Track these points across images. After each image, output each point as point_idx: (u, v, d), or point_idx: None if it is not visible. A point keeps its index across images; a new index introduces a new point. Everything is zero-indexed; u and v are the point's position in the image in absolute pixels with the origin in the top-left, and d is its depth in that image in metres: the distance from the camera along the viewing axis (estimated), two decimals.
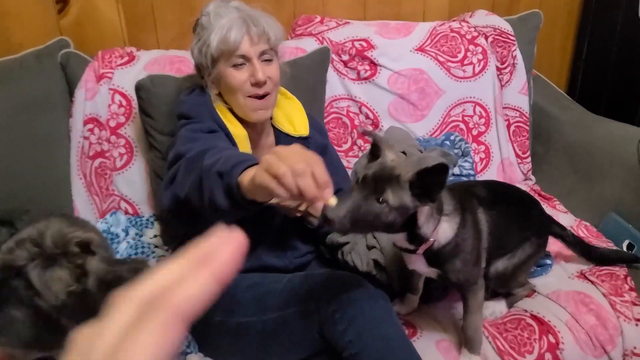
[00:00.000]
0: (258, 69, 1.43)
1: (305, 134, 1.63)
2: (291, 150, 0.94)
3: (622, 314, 1.56)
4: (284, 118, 1.64)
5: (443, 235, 1.26)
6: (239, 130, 1.49)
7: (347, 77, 2.15)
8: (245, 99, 1.46)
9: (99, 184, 1.87)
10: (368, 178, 1.12)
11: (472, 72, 2.24)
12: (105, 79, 1.85)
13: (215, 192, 1.07)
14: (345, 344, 1.24)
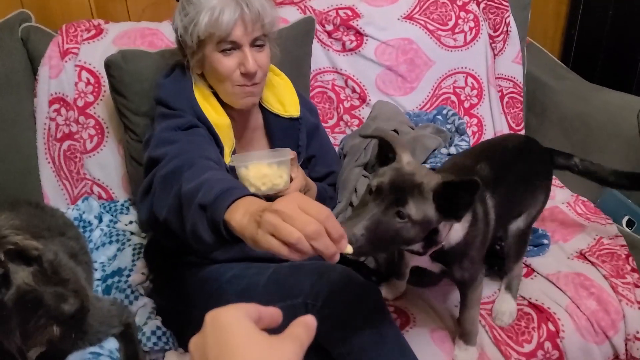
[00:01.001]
0: (249, 58, 1.31)
1: (296, 115, 1.52)
2: (295, 207, 0.80)
3: (625, 297, 1.49)
4: (273, 97, 1.52)
5: (454, 236, 1.14)
6: (222, 119, 1.37)
7: (332, 49, 2.04)
8: (234, 88, 1.36)
9: (68, 168, 1.75)
10: (384, 187, 0.98)
11: (463, 41, 2.14)
12: (70, 55, 1.72)
13: (198, 226, 0.94)
14: (335, 341, 1.17)
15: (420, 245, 1.11)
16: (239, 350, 0.51)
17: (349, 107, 2.07)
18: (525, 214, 1.44)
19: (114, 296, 1.48)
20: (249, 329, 0.54)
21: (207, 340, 0.53)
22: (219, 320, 0.54)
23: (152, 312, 1.42)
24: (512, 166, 1.37)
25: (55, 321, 0.98)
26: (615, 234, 1.73)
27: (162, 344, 1.35)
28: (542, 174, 1.49)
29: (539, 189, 1.46)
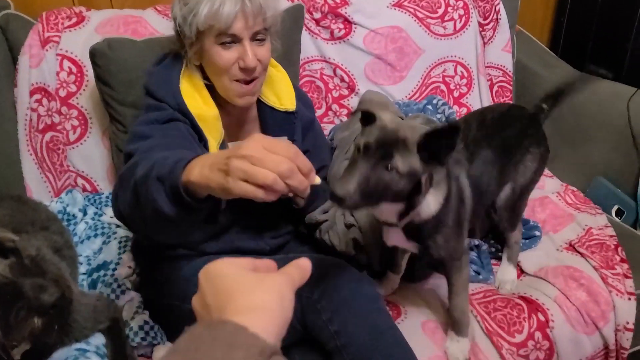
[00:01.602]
0: (249, 52, 1.27)
1: (292, 108, 1.48)
2: (262, 149, 0.79)
3: (614, 288, 1.49)
4: (269, 90, 1.48)
5: (426, 210, 1.16)
6: (209, 111, 1.33)
7: (320, 37, 2.01)
8: (232, 83, 1.31)
9: (51, 160, 1.71)
10: (371, 145, 1.02)
11: (453, 29, 2.12)
12: (51, 44, 1.67)
13: (158, 199, 0.89)
14: (330, 334, 1.16)
15: (397, 209, 1.13)
16: (233, 287, 0.56)
17: (337, 96, 2.05)
18: (510, 183, 1.44)
19: (99, 290, 1.45)
20: (239, 270, 0.59)
21: (204, 292, 0.59)
22: (210, 272, 0.60)
23: (139, 307, 1.40)
24: (490, 140, 1.35)
25: (36, 312, 0.95)
26: (605, 224, 1.73)
27: (150, 339, 1.32)
28: (529, 141, 1.45)
29: (526, 157, 1.44)
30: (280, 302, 0.57)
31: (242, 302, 0.55)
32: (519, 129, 1.43)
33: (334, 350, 1.15)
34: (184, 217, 0.91)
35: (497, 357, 1.36)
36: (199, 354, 0.47)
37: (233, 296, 0.56)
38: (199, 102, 1.33)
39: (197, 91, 1.34)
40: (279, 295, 0.57)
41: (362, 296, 1.20)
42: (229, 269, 0.60)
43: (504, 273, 1.56)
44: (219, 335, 0.49)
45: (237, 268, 0.60)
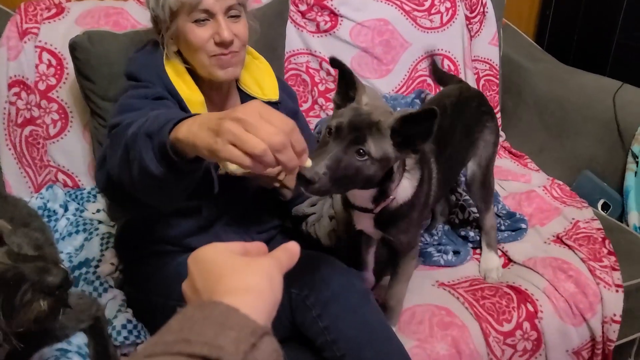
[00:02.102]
0: (223, 26, 1.25)
1: (275, 99, 1.46)
2: (258, 116, 0.75)
3: (602, 280, 1.49)
4: (252, 80, 1.46)
5: (403, 194, 1.16)
6: (195, 96, 1.31)
7: (306, 30, 1.99)
8: (210, 59, 1.29)
9: (31, 155, 1.67)
10: (344, 127, 0.99)
11: (440, 22, 2.11)
12: (30, 35, 1.63)
13: (145, 157, 0.86)
14: (319, 330, 1.14)
15: (370, 195, 1.13)
16: (221, 270, 0.57)
17: (323, 90, 2.03)
18: (474, 158, 1.46)
19: (81, 288, 1.42)
20: (227, 254, 0.60)
21: (194, 277, 0.60)
22: (199, 256, 0.61)
23: (122, 305, 1.37)
24: (454, 124, 1.36)
25: (42, 295, 0.93)
26: (591, 217, 1.73)
27: (134, 337, 1.29)
28: (485, 117, 1.47)
29: (484, 132, 1.47)
30: (269, 284, 0.57)
31: (232, 284, 0.56)
32: (474, 108, 1.46)
33: (323, 346, 1.14)
34: (170, 178, 0.88)
35: (484, 344, 1.37)
36: (192, 334, 0.48)
37: (222, 279, 0.57)
38: (183, 87, 1.31)
39: (180, 77, 1.32)
40: (267, 277, 0.58)
41: (352, 291, 1.18)
42: (217, 253, 0.61)
43: (487, 261, 1.56)
44: (211, 316, 0.50)
45: (225, 252, 0.61)
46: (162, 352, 0.47)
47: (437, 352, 1.32)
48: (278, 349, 0.51)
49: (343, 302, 1.15)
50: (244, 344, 0.47)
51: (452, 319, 1.38)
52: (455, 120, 1.36)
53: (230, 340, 0.47)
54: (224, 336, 0.47)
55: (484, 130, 1.47)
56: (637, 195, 1.75)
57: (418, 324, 1.37)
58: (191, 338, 0.47)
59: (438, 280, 1.52)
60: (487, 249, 1.58)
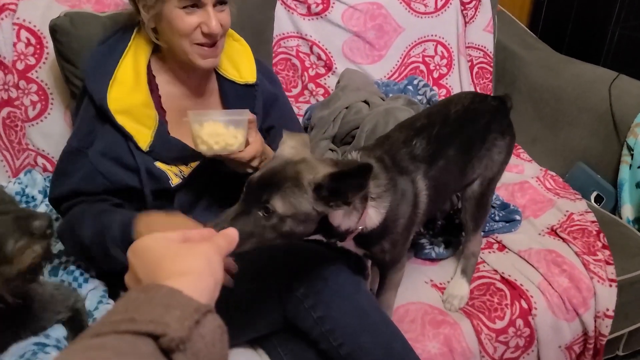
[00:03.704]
0: (212, 18, 1.23)
1: (252, 81, 1.43)
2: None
3: (596, 274, 1.47)
4: (229, 63, 1.43)
5: (370, 223, 1.09)
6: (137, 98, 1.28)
7: (297, 12, 1.94)
8: (192, 46, 1.27)
9: (8, 138, 1.60)
10: (252, 184, 0.94)
11: (434, 7, 2.07)
12: (7, 12, 1.55)
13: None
14: (313, 321, 1.11)
15: (319, 236, 1.07)
16: (160, 257, 0.60)
17: (314, 75, 1.98)
18: (478, 180, 1.37)
19: (61, 278, 1.36)
20: (165, 241, 0.63)
21: (135, 268, 0.62)
22: (137, 247, 0.63)
23: (103, 296, 1.31)
24: (454, 137, 1.27)
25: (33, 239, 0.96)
26: (585, 209, 1.72)
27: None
28: (494, 135, 1.36)
29: (492, 150, 1.36)
30: (208, 266, 0.61)
31: (172, 269, 0.59)
32: (484, 123, 1.34)
33: (319, 338, 1.11)
34: None
35: (476, 342, 1.35)
36: (138, 313, 0.51)
37: (162, 265, 0.60)
38: (126, 89, 1.27)
39: (135, 73, 1.29)
40: (205, 259, 0.61)
41: (344, 279, 1.16)
42: (156, 241, 0.63)
43: (455, 287, 1.44)
44: (155, 297, 0.53)
45: (163, 240, 0.64)
46: (109, 331, 0.49)
47: (429, 351, 1.29)
48: (222, 325, 0.54)
49: (335, 290, 1.13)
50: (189, 321, 0.51)
51: (444, 317, 1.36)
52: (455, 131, 1.27)
53: (175, 318, 0.50)
54: (169, 315, 0.50)
55: (492, 149, 1.35)
56: (631, 188, 1.73)
57: (410, 323, 1.35)
58: (137, 317, 0.50)
59: (432, 280, 1.48)
60: (460, 275, 1.45)
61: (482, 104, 1.37)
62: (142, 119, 1.27)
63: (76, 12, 1.51)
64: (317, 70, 1.98)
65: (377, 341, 1.11)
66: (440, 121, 1.27)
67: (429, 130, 1.24)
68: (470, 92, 1.49)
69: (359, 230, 1.08)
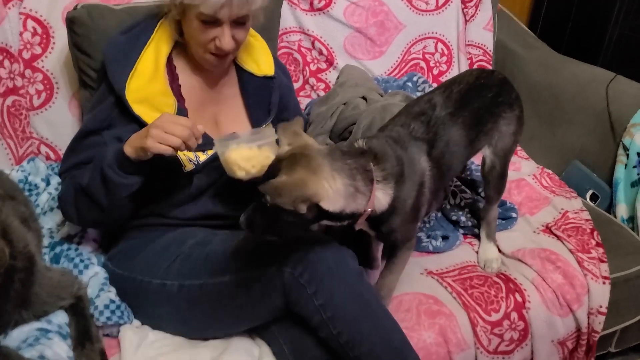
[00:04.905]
0: (227, 36, 1.29)
1: (271, 73, 1.51)
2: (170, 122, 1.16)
3: (590, 271, 1.50)
4: (248, 56, 1.50)
5: (379, 205, 1.17)
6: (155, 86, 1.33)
7: (299, 7, 1.96)
8: (205, 54, 1.34)
9: (13, 126, 1.62)
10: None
11: (435, 5, 2.10)
12: (13, 1, 1.56)
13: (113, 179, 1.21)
14: (315, 308, 1.13)
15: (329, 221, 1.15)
16: None
17: (315, 70, 2.01)
18: (488, 148, 1.43)
19: (62, 265, 1.38)
20: None
21: None
22: None
23: (104, 283, 1.33)
24: (456, 116, 1.32)
25: None
26: (580, 207, 1.74)
27: (117, 318, 1.26)
28: (501, 108, 1.42)
29: (499, 123, 1.42)
30: None
31: None
32: (490, 98, 1.40)
33: (319, 325, 1.14)
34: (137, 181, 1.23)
35: (471, 333, 1.37)
36: None
37: None
38: (145, 79, 1.33)
39: (155, 65, 1.35)
40: None
41: (347, 267, 1.18)
42: None
43: (487, 252, 1.54)
44: None
45: None
46: None
47: (424, 340, 1.32)
48: None
49: (338, 278, 1.15)
50: None
51: (439, 308, 1.38)
52: (458, 110, 1.33)
53: None
54: None
55: (498, 121, 1.41)
56: (626, 187, 1.75)
57: (405, 312, 1.37)
58: None
59: (427, 269, 1.51)
60: (487, 240, 1.55)
61: (488, 79, 1.44)
62: (160, 106, 1.32)
63: (93, 4, 1.55)
64: (318, 65, 2.00)
65: (377, 331, 1.14)
66: (441, 103, 1.33)
67: (429, 114, 1.30)
68: (476, 69, 1.56)
69: (369, 212, 1.14)
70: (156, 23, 1.38)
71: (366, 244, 1.43)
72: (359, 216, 1.15)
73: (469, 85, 1.39)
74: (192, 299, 1.24)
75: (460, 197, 1.69)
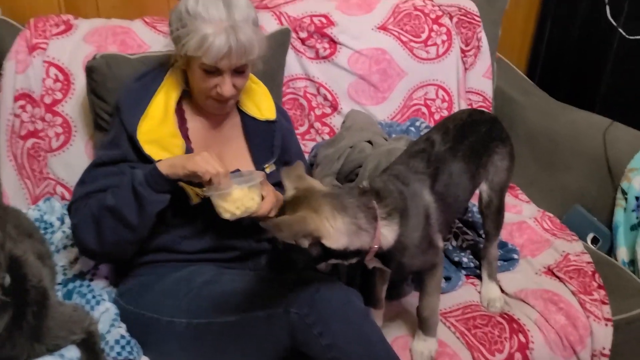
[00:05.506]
0: (227, 84, 1.38)
1: (272, 118, 1.59)
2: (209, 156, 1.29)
3: (592, 313, 1.52)
4: (250, 102, 1.58)
5: (385, 240, 1.20)
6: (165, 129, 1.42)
7: (305, 56, 2.03)
8: (207, 99, 1.44)
9: (31, 167, 1.69)
10: None
11: (435, 54, 2.16)
12: (38, 50, 1.66)
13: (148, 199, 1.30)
14: (321, 348, 1.16)
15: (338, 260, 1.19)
16: None
17: (320, 114, 2.06)
18: (485, 183, 1.49)
19: (74, 301, 1.42)
20: None
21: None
22: None
23: (115, 319, 1.37)
24: (455, 151, 1.38)
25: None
26: (582, 250, 1.76)
27: (126, 353, 1.30)
28: (495, 143, 1.49)
29: (494, 157, 1.48)
30: None
31: None
32: (483, 133, 1.47)
33: None
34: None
35: None
36: None
37: None
38: (155, 122, 1.41)
39: (165, 109, 1.43)
40: None
41: (352, 308, 1.21)
42: None
43: (489, 291, 1.56)
44: None
45: None
46: None
47: None
48: None
49: (343, 319, 1.17)
50: None
51: (443, 349, 1.40)
52: (456, 144, 1.39)
53: None
54: None
55: (493, 156, 1.48)
56: (626, 231, 1.78)
57: (402, 350, 1.38)
58: None
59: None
60: (489, 280, 1.58)
61: (480, 115, 1.52)
62: (170, 147, 1.40)
63: (111, 54, 1.63)
64: (323, 110, 2.06)
65: None
66: (440, 139, 1.39)
67: (429, 150, 1.36)
68: (467, 109, 1.63)
69: (376, 249, 1.18)
70: (166, 71, 1.47)
71: (371, 285, 1.45)
72: (366, 253, 1.19)
73: (463, 122, 1.46)
74: (199, 336, 1.27)
75: (462, 239, 1.72)
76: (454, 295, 1.59)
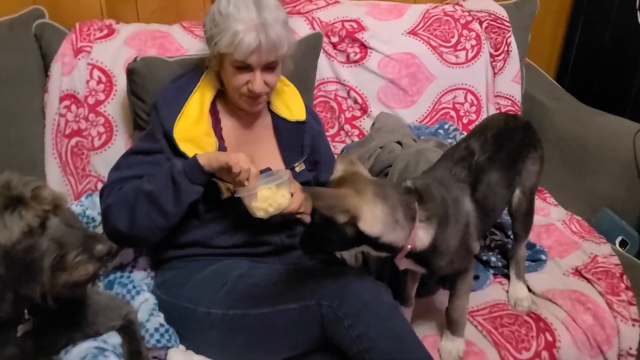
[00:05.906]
0: (258, 80, 1.43)
1: (302, 119, 1.62)
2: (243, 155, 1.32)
3: (619, 313, 1.52)
4: (281, 103, 1.62)
5: (420, 242, 1.22)
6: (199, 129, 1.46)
7: (336, 60, 2.07)
8: (240, 97, 1.48)
9: (74, 164, 1.76)
10: None
11: (465, 58, 2.18)
12: (83, 53, 1.74)
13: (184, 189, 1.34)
14: (351, 339, 1.20)
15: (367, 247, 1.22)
16: None
17: (350, 117, 2.10)
18: (519, 189, 1.50)
19: (115, 291, 1.49)
20: None
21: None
22: None
23: (154, 309, 1.43)
24: (494, 160, 1.40)
25: (91, 260, 1.04)
26: (610, 253, 1.77)
27: (165, 341, 1.35)
28: (528, 148, 1.51)
29: (527, 162, 1.50)
30: None
31: None
32: (519, 139, 1.49)
33: (356, 356, 1.20)
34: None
35: None
36: None
37: None
38: (190, 121, 1.46)
39: (200, 109, 1.48)
40: None
41: (382, 302, 1.24)
42: None
43: (517, 291, 1.58)
44: None
45: None
46: None
47: None
48: None
49: (374, 311, 1.21)
50: None
51: (470, 347, 1.42)
52: (495, 154, 1.41)
53: None
54: None
55: (526, 161, 1.50)
56: None
57: (431, 347, 1.38)
58: None
59: None
60: (517, 279, 1.59)
61: (514, 122, 1.53)
62: (204, 145, 1.44)
63: (150, 57, 1.69)
64: (353, 113, 2.10)
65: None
66: (479, 148, 1.41)
67: (469, 160, 1.38)
68: (502, 114, 1.66)
69: (408, 249, 1.20)
70: (201, 73, 1.53)
71: (402, 283, 1.47)
72: (399, 250, 1.21)
73: (500, 130, 1.47)
74: (234, 327, 1.31)
75: (490, 239, 1.74)
76: (482, 294, 1.61)
